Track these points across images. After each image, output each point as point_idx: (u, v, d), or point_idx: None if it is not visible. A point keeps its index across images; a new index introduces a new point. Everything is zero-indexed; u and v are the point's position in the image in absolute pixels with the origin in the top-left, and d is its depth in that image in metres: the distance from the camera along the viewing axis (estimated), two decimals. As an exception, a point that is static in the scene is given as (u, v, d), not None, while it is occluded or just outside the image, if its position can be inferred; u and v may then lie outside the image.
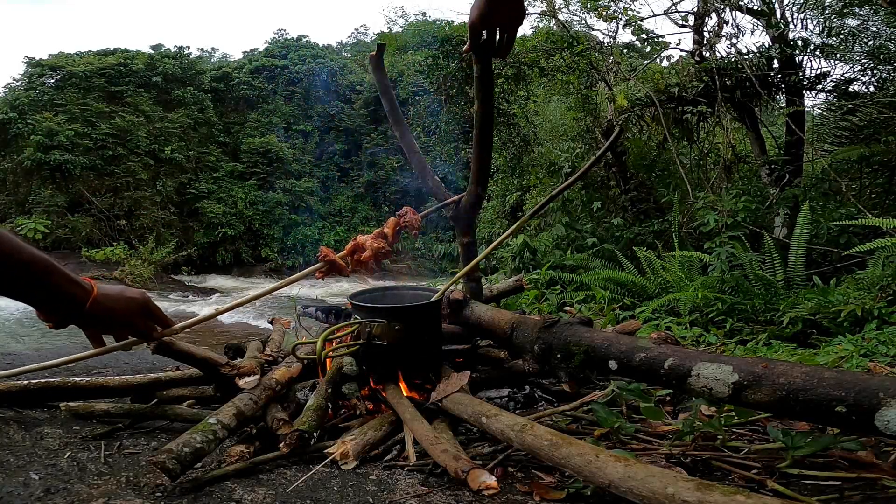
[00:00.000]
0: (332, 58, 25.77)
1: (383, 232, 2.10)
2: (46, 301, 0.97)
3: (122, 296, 1.11)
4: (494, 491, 1.31)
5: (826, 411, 1.08)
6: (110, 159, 17.72)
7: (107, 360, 3.11)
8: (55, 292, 0.96)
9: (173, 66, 20.58)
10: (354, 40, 30.64)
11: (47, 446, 1.67)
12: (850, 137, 5.18)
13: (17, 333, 8.08)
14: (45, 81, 18.51)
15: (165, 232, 18.06)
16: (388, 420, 1.79)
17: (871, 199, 5.10)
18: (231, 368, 1.97)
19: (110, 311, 1.06)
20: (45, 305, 0.98)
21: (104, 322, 1.08)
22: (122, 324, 1.13)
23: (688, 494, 0.99)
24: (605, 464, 1.16)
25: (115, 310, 1.08)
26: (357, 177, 22.80)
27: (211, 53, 28.16)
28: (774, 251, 4.20)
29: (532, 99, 9.50)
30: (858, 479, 1.24)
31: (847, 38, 5.21)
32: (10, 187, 17.16)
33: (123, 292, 1.13)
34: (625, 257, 5.49)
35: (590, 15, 7.40)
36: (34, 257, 0.91)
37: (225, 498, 1.35)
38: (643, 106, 6.29)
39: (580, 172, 2.57)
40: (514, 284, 3.19)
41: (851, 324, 3.08)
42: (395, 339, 1.91)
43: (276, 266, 19.29)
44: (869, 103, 4.98)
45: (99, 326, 1.09)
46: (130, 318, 1.13)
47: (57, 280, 0.96)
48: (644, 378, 1.54)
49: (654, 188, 7.18)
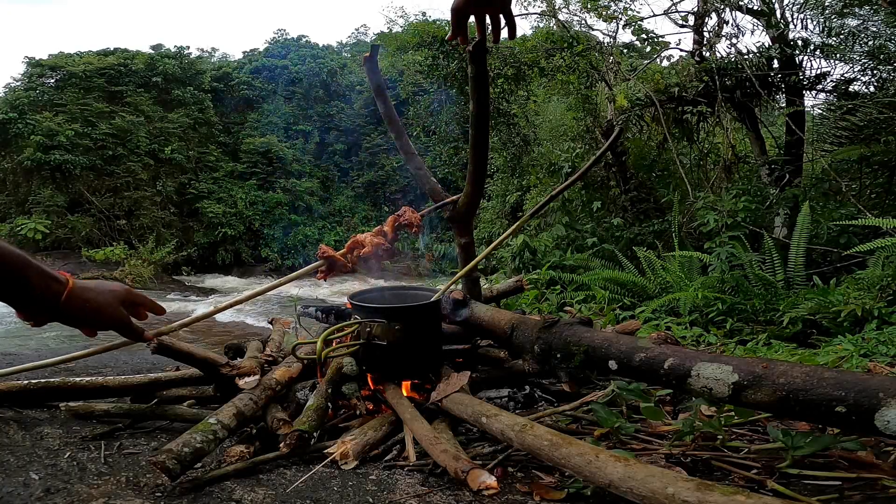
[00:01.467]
0: (332, 58, 25.77)
1: (383, 230, 2.10)
2: (22, 295, 0.96)
3: (100, 287, 1.09)
4: (494, 491, 1.31)
5: (826, 411, 1.08)
6: (110, 159, 17.73)
7: (107, 360, 3.11)
8: (30, 286, 0.95)
9: (173, 66, 20.59)
10: (354, 40, 30.63)
11: (47, 446, 1.67)
12: (850, 137, 5.18)
13: (18, 333, 8.08)
14: (44, 81, 18.52)
15: (165, 232, 18.06)
16: (388, 420, 1.79)
17: (871, 199, 5.09)
18: (231, 368, 1.96)
19: (88, 302, 1.04)
20: (21, 300, 0.97)
21: (84, 315, 1.05)
22: (102, 315, 1.09)
23: (688, 494, 0.99)
24: (605, 464, 1.16)
25: (94, 301, 1.05)
26: (357, 177, 22.80)
27: (211, 53, 28.15)
28: (774, 251, 4.20)
29: (532, 99, 9.50)
30: (858, 479, 1.24)
31: (847, 38, 5.21)
32: (10, 187, 17.17)
33: (101, 284, 1.11)
34: (625, 257, 5.50)
35: (590, 15, 7.40)
36: (6, 251, 0.90)
37: (225, 498, 1.35)
38: (643, 106, 6.29)
39: (580, 172, 2.57)
40: (514, 285, 3.19)
41: (851, 324, 3.08)
42: (394, 338, 1.91)
43: (276, 266, 19.30)
44: (869, 103, 4.97)
45: (79, 321, 1.06)
46: (111, 310, 1.10)
47: (31, 273, 0.94)
48: (644, 378, 1.54)
49: (654, 188, 7.18)
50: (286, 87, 23.71)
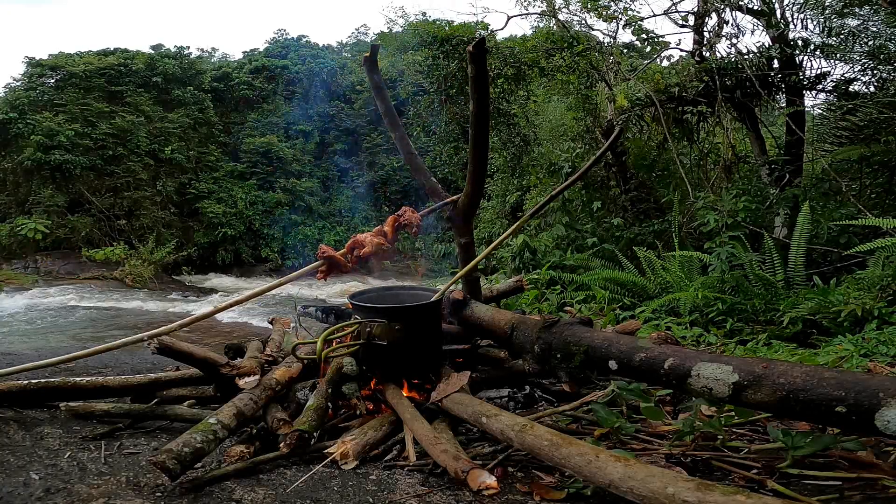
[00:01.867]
0: (332, 58, 25.76)
1: (382, 230, 2.10)
2: None
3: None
4: (494, 491, 1.31)
5: (826, 411, 1.08)
6: (110, 159, 17.71)
7: (107, 360, 3.11)
8: None
9: (173, 66, 20.57)
10: (354, 40, 30.61)
11: (47, 446, 1.67)
12: (851, 137, 5.17)
13: (18, 333, 8.08)
14: (45, 81, 18.49)
15: (165, 232, 18.05)
16: (388, 420, 1.79)
17: (871, 199, 5.09)
18: (231, 369, 1.96)
19: None
20: None
21: None
22: None
23: (688, 494, 0.99)
24: (606, 464, 1.16)
25: None
26: (357, 177, 22.79)
27: (211, 53, 28.11)
28: (774, 251, 4.20)
29: (532, 99, 9.49)
30: (858, 479, 1.24)
31: (847, 38, 5.20)
32: (11, 187, 17.15)
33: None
34: (625, 257, 5.49)
35: (590, 15, 7.39)
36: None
37: (225, 498, 1.35)
38: (643, 106, 6.29)
39: (580, 173, 2.57)
40: (515, 285, 3.19)
41: (851, 324, 3.08)
42: (395, 339, 1.91)
43: (277, 266, 19.28)
44: (869, 103, 4.97)
45: None
46: None
47: None
48: (644, 378, 1.54)
49: (654, 188, 7.17)
50: (286, 87, 23.70)
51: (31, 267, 15.31)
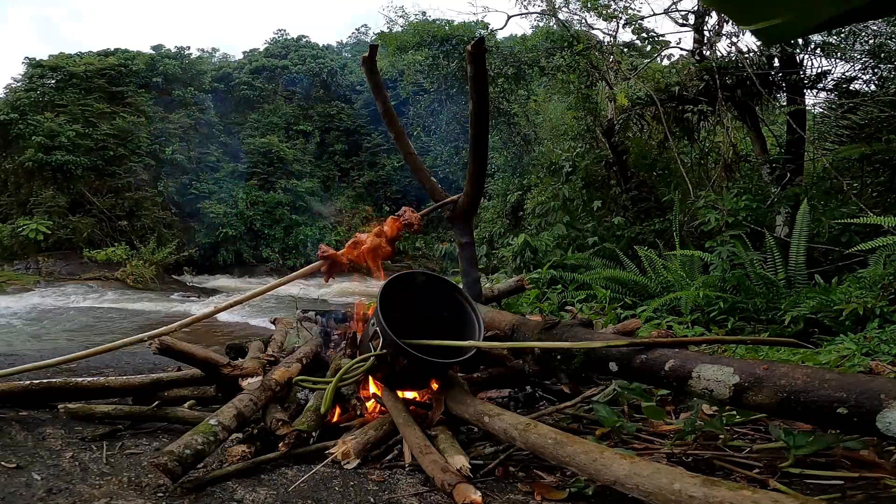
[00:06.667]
0: (333, 58, 25.75)
1: (382, 229, 2.10)
2: None
3: None
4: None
5: (827, 413, 1.08)
6: (111, 160, 17.72)
7: (108, 361, 3.11)
8: None
9: (174, 66, 20.59)
10: (355, 40, 30.62)
11: (49, 447, 1.67)
12: (852, 136, 5.16)
13: (19, 333, 8.09)
14: (45, 82, 18.50)
15: (167, 232, 18.06)
16: (388, 420, 1.79)
17: (872, 197, 5.08)
18: (233, 369, 1.97)
19: None
20: None
21: None
22: None
23: (694, 490, 0.99)
24: (611, 461, 1.16)
25: None
26: (357, 177, 22.79)
27: (211, 54, 28.12)
28: (776, 250, 4.19)
29: (532, 98, 9.49)
30: (861, 479, 1.24)
31: (848, 37, 5.20)
32: (12, 188, 17.17)
33: None
34: (626, 256, 5.49)
35: (590, 14, 7.39)
36: None
37: (226, 498, 1.35)
38: (644, 105, 6.28)
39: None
40: (516, 284, 3.19)
41: (853, 323, 3.07)
42: (405, 372, 1.84)
43: (278, 266, 19.30)
44: (870, 102, 4.96)
45: None
46: None
47: None
48: (645, 380, 1.54)
49: (655, 187, 7.16)
50: (286, 87, 23.71)
51: (33, 268, 15.32)
